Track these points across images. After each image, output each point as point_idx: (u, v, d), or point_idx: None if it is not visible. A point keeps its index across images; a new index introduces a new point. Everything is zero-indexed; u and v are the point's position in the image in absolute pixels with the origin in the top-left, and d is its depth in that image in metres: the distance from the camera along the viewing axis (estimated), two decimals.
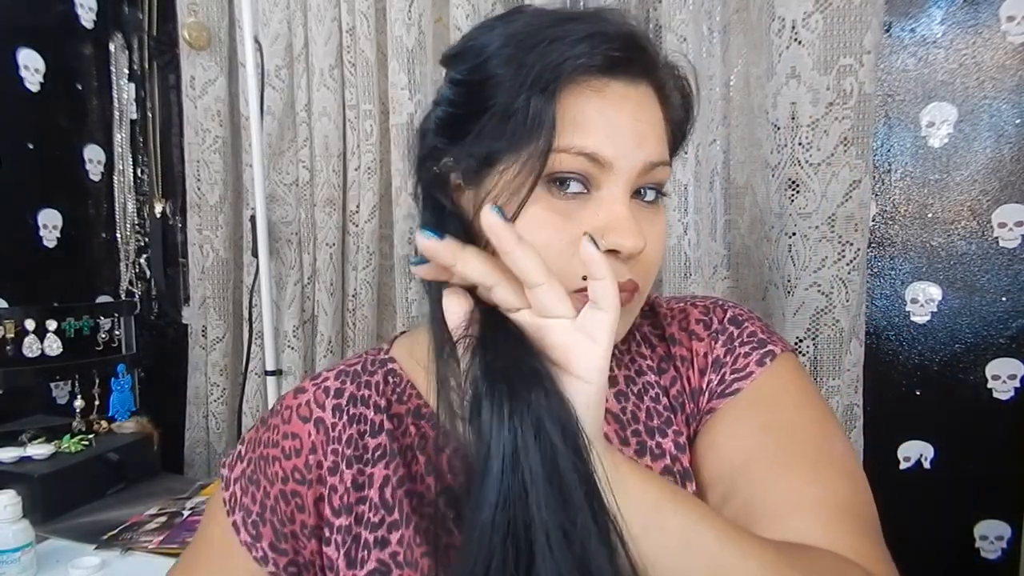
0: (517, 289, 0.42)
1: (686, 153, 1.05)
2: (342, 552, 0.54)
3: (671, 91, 0.52)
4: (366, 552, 0.53)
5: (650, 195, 0.51)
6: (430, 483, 0.54)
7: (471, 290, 0.45)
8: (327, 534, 0.55)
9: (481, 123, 0.48)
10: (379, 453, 0.56)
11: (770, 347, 0.55)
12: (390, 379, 0.60)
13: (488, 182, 0.48)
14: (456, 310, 0.43)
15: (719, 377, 0.55)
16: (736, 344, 0.56)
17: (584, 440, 0.39)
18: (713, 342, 0.57)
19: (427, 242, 0.43)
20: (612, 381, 0.57)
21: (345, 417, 0.58)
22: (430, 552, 0.52)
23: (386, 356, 0.62)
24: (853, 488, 0.50)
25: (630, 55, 0.48)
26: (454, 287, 0.45)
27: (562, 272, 0.46)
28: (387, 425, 0.57)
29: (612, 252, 0.47)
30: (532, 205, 0.46)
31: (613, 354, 0.56)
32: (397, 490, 0.54)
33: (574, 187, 0.47)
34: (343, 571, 0.53)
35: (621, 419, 0.55)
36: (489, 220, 0.40)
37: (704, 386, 0.55)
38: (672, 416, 0.55)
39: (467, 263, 0.42)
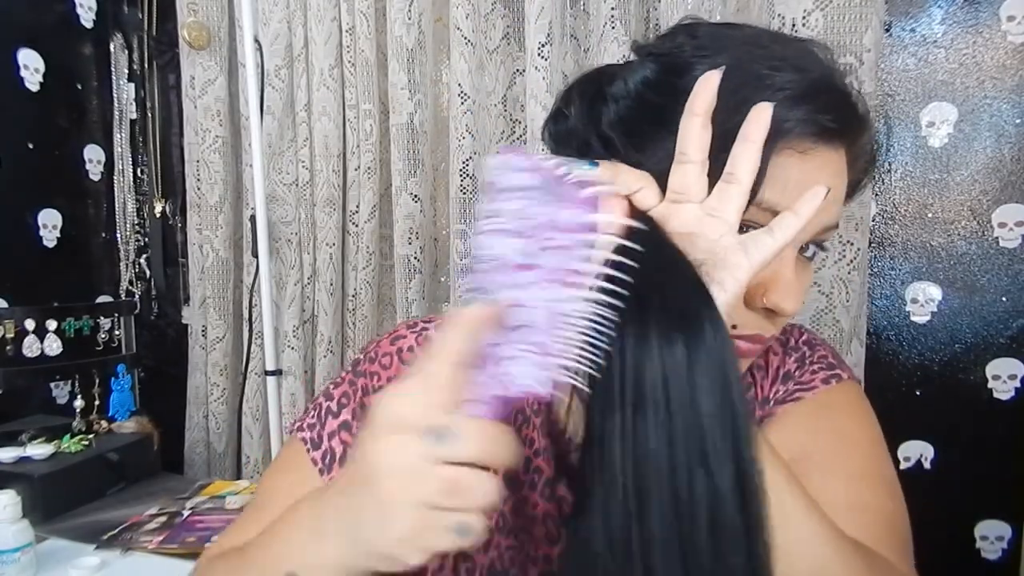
0: (659, 193, 0.43)
1: None
2: None
3: (859, 156, 0.51)
4: None
5: (810, 251, 0.50)
6: (543, 447, 0.54)
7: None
8: None
9: (669, 145, 0.45)
10: None
11: (838, 371, 0.57)
12: None
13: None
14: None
15: (785, 388, 0.57)
16: (807, 362, 0.58)
17: (736, 380, 0.36)
18: (787, 357, 0.59)
19: (587, 171, 0.41)
20: None
21: None
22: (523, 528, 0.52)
23: None
24: (896, 507, 0.51)
25: (845, 126, 0.47)
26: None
27: None
28: None
29: (767, 310, 0.47)
30: None
31: None
32: None
33: None
34: None
35: None
36: (710, 79, 0.41)
37: (771, 396, 0.57)
38: None
39: (622, 175, 0.42)
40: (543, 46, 1.10)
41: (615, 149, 0.49)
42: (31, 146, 1.45)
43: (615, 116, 0.51)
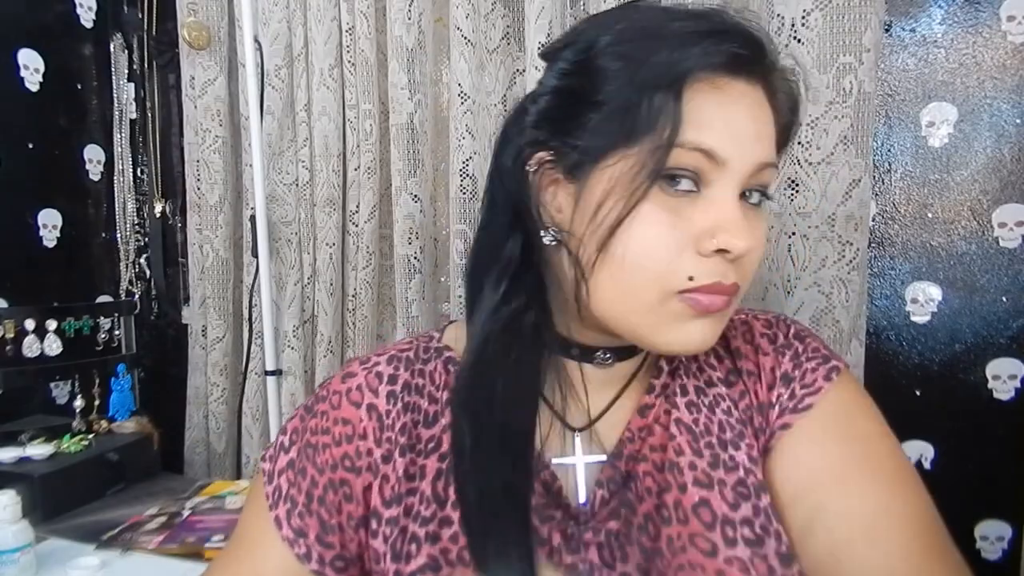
0: None
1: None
2: (389, 544, 0.53)
3: (781, 95, 0.52)
4: (414, 546, 0.52)
5: (755, 197, 0.50)
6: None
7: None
8: (374, 525, 0.54)
9: (592, 117, 0.47)
10: (432, 445, 0.55)
11: (833, 362, 0.56)
12: (451, 368, 0.59)
13: (595, 177, 0.48)
14: None
15: (789, 392, 0.55)
16: (803, 359, 0.56)
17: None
18: (780, 357, 0.57)
19: None
20: (683, 390, 0.57)
21: (399, 404, 0.57)
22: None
23: (440, 344, 0.61)
24: (928, 503, 0.52)
25: (752, 54, 0.48)
26: None
27: (668, 270, 0.47)
28: (448, 418, 0.56)
29: (720, 252, 0.47)
30: (643, 202, 0.46)
31: (682, 362, 0.58)
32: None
33: (685, 184, 0.47)
34: (389, 565, 0.52)
35: (694, 431, 0.55)
36: None
37: (773, 400, 0.55)
38: (744, 429, 0.55)
39: None
40: (543, 46, 1.10)
41: (545, 144, 0.51)
42: (31, 146, 1.45)
43: (537, 114, 0.52)
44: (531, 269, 0.53)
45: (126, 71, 1.59)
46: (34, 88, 1.44)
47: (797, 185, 1.01)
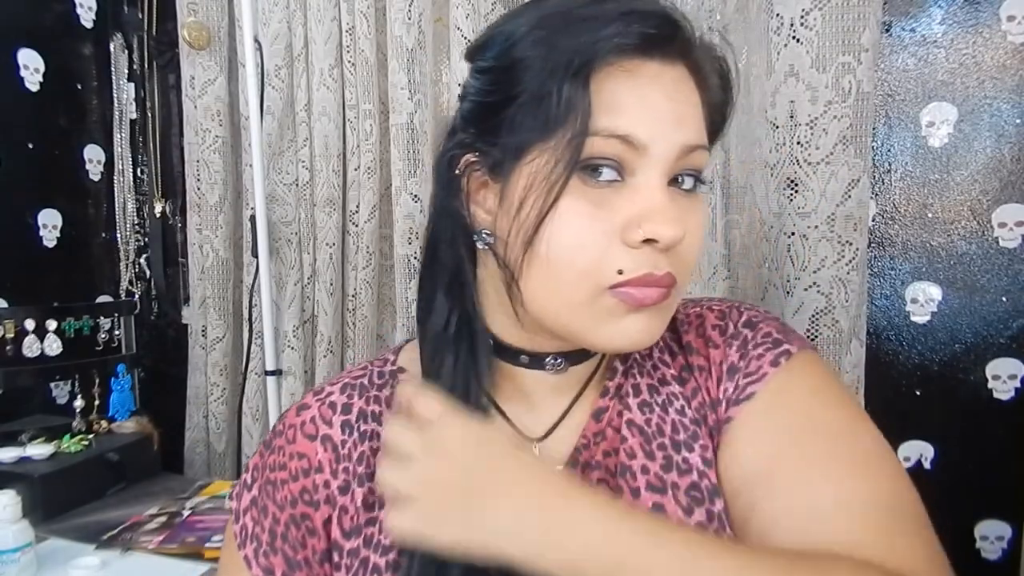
0: None
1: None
2: None
3: (708, 73, 0.50)
4: None
5: (688, 182, 0.48)
6: None
7: None
8: (336, 558, 0.53)
9: (510, 112, 0.46)
10: None
11: (785, 346, 0.52)
12: None
13: (516, 174, 0.47)
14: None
15: (734, 384, 0.52)
16: (750, 348, 0.53)
17: None
18: (728, 348, 0.54)
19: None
20: (635, 390, 0.55)
21: (356, 434, 0.56)
22: None
23: (395, 368, 0.60)
24: (884, 481, 0.46)
25: (665, 33, 0.45)
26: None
27: (595, 265, 0.45)
28: None
29: (649, 242, 0.45)
30: (564, 196, 0.44)
31: (635, 360, 0.56)
32: None
33: (607, 174, 0.45)
34: None
35: (646, 432, 0.53)
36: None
37: (721, 396, 0.52)
38: (698, 429, 0.52)
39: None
40: None
41: (471, 146, 0.50)
42: (31, 146, 1.45)
43: (462, 117, 0.52)
44: (472, 276, 0.52)
45: (126, 71, 1.59)
46: (34, 88, 1.45)
47: (796, 185, 1.01)
